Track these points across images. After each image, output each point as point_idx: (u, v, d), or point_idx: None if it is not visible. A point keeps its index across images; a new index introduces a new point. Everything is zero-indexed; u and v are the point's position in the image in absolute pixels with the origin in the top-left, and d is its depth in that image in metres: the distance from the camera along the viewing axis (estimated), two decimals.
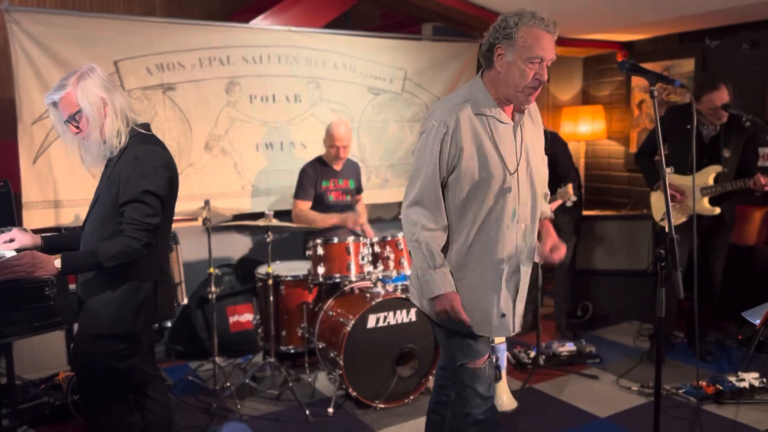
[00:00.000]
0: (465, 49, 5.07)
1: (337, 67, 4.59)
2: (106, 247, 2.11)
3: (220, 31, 4.14)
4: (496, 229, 2.11)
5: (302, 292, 3.76)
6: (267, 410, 3.42)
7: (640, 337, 4.40)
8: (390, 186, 4.94)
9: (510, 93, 2.08)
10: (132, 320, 2.20)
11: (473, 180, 2.08)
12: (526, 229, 2.17)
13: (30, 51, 3.54)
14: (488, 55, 2.10)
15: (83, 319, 2.24)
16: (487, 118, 2.09)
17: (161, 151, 2.25)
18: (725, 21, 4.64)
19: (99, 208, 2.21)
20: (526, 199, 2.16)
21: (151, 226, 2.15)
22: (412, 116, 4.96)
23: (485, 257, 2.13)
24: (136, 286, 2.20)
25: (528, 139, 2.17)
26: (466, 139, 2.06)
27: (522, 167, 2.14)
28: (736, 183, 3.72)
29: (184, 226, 4.04)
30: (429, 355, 3.52)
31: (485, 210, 2.10)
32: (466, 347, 2.21)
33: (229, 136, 4.24)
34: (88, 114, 2.15)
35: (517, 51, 2.01)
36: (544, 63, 2.02)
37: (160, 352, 4.17)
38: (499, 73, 2.07)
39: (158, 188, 2.16)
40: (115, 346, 2.21)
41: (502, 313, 2.17)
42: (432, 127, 2.10)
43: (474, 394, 2.23)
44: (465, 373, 2.22)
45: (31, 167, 3.63)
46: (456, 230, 2.14)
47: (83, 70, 2.20)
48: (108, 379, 2.24)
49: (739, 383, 3.42)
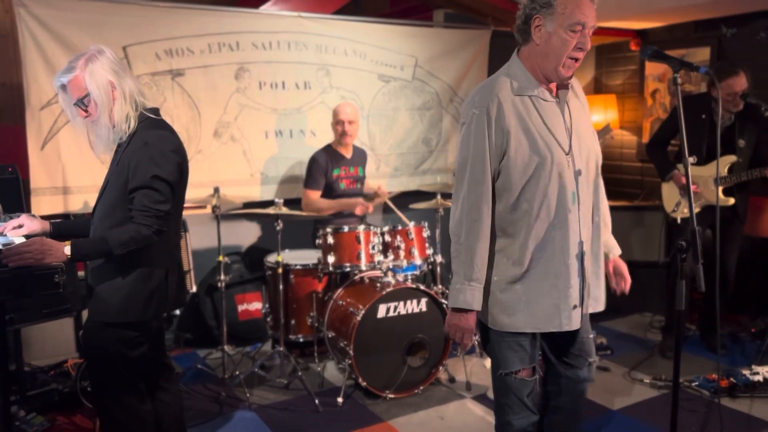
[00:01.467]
0: (477, 36, 5.00)
1: (347, 53, 4.53)
2: (116, 233, 2.07)
3: (230, 17, 4.09)
4: (557, 215, 1.98)
5: (312, 281, 3.74)
6: (276, 399, 3.41)
7: (652, 329, 4.36)
8: (400, 175, 4.89)
9: (550, 66, 1.94)
10: (143, 308, 2.17)
11: (525, 165, 1.94)
12: (585, 211, 2.03)
13: (38, 35, 3.50)
14: (524, 28, 1.97)
15: (93, 306, 2.21)
16: (531, 98, 1.98)
17: (171, 137, 2.20)
18: (742, 9, 4.55)
19: (108, 194, 2.18)
20: (584, 179, 2.02)
21: (162, 212, 2.11)
22: (423, 104, 4.91)
23: (548, 247, 1.99)
24: (147, 273, 2.17)
25: (576, 116, 2.05)
26: (512, 123, 1.94)
27: (575, 146, 2.01)
28: (751, 173, 3.67)
29: (193, 214, 4.01)
30: (439, 345, 3.49)
31: (541, 196, 1.96)
32: (518, 352, 2.08)
33: (239, 123, 4.20)
34: (96, 98, 2.11)
35: (557, 19, 1.89)
36: (585, 30, 1.90)
37: (169, 340, 4.15)
38: (538, 45, 1.95)
39: (168, 174, 2.12)
40: (125, 334, 2.18)
41: (573, 305, 2.03)
42: (473, 116, 1.96)
43: (520, 402, 2.12)
44: (511, 381, 2.11)
45: (40, 153, 3.61)
46: (513, 223, 2.00)
47: (92, 52, 2.14)
48: (119, 366, 2.21)
49: (753, 376, 3.38)
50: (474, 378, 3.58)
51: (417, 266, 3.72)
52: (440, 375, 3.58)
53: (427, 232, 3.72)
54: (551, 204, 1.98)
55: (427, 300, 3.46)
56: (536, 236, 1.99)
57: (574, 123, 2.03)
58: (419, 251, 3.64)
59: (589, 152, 2.06)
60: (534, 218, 1.98)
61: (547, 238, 1.99)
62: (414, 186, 4.83)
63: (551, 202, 1.98)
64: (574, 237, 2.01)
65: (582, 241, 2.03)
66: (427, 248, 3.70)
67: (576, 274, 2.03)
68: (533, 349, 2.12)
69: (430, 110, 4.96)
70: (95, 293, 2.20)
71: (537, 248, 2.00)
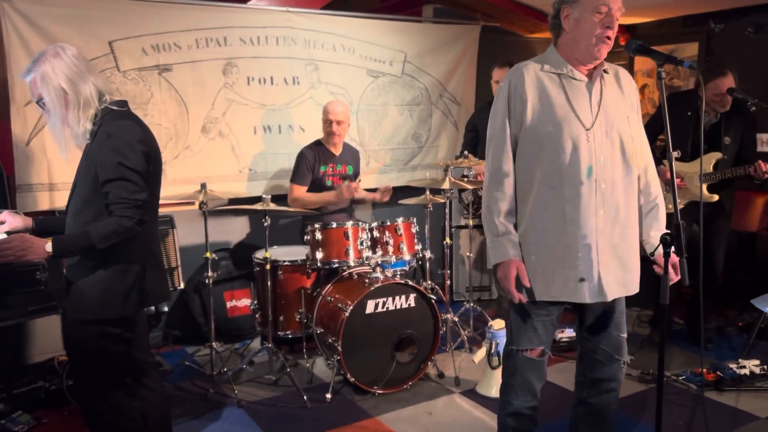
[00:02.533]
0: (466, 32, 5.00)
1: (336, 49, 4.52)
2: (98, 227, 2.04)
3: (217, 11, 4.06)
4: (569, 187, 2.07)
5: (300, 277, 3.72)
6: (264, 396, 3.40)
7: (640, 323, 4.38)
8: (390, 170, 4.89)
9: (582, 50, 2.08)
10: (122, 304, 2.14)
11: (539, 133, 2.08)
12: (606, 190, 2.09)
13: (22, 30, 3.47)
14: (556, 21, 2.14)
15: (72, 303, 2.18)
16: (560, 76, 2.12)
17: (135, 126, 2.15)
18: (730, 4, 4.57)
19: (80, 190, 2.15)
20: (607, 159, 2.09)
21: (140, 202, 2.07)
22: (413, 99, 4.90)
23: (559, 217, 2.09)
24: (124, 268, 2.14)
25: (608, 98, 2.14)
26: (530, 92, 2.10)
27: (600, 124, 2.09)
28: (736, 170, 3.69)
29: (180, 210, 3.99)
30: (428, 340, 3.50)
31: (556, 166, 2.08)
32: (529, 332, 2.19)
33: (227, 119, 4.18)
34: (47, 102, 2.09)
35: (582, 5, 2.05)
36: (611, 12, 2.04)
37: (157, 337, 4.14)
38: (568, 33, 2.10)
39: (135, 164, 2.08)
40: (107, 330, 2.16)
41: (580, 278, 2.10)
42: (501, 88, 2.16)
43: (524, 384, 2.23)
44: (519, 359, 2.22)
45: (25, 149, 3.58)
46: (528, 189, 2.13)
47: (50, 53, 2.09)
48: (103, 363, 2.20)
49: (740, 370, 3.40)
50: (463, 373, 3.59)
51: (406, 262, 3.71)
52: (429, 370, 3.58)
53: (416, 228, 3.72)
54: (563, 175, 2.08)
55: (416, 295, 3.46)
56: (546, 205, 2.10)
57: (604, 104, 2.12)
58: (408, 247, 3.64)
59: (622, 137, 2.12)
60: (547, 187, 2.09)
61: (559, 209, 2.09)
62: (404, 181, 4.83)
63: (563, 174, 2.08)
64: (585, 212, 2.08)
65: (597, 219, 2.09)
66: (416, 244, 3.70)
67: (586, 248, 2.09)
68: (546, 332, 2.22)
69: (420, 106, 4.95)
70: (72, 290, 2.17)
71: (549, 217, 2.10)
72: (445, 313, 3.86)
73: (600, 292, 2.14)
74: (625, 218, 2.15)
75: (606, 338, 2.27)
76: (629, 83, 2.23)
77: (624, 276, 2.18)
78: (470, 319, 4.23)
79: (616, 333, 2.27)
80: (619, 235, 2.14)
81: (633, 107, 2.22)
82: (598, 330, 2.27)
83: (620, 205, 2.13)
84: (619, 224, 2.14)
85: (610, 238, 2.12)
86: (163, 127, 3.91)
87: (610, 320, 2.25)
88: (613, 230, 2.13)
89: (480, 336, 4.10)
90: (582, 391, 2.38)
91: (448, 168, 3.89)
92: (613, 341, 2.27)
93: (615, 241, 2.13)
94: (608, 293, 2.15)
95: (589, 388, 2.35)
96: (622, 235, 2.15)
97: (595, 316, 2.26)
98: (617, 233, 2.14)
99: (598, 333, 2.27)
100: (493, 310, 4.63)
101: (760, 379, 3.39)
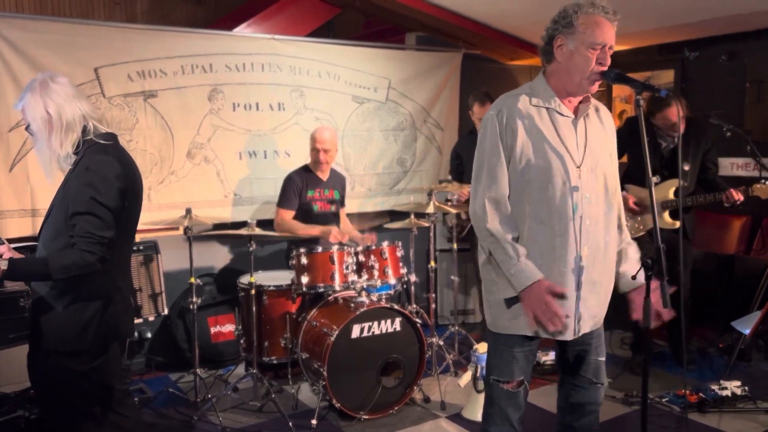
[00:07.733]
0: (449, 59, 5.09)
1: (321, 75, 4.57)
2: (58, 257, 2.02)
3: (203, 39, 4.11)
4: (559, 222, 2.06)
5: (285, 302, 3.72)
6: (249, 422, 3.37)
7: (623, 346, 4.41)
8: (374, 195, 4.92)
9: (574, 83, 2.06)
10: (77, 338, 2.11)
11: (530, 167, 2.06)
12: (590, 227, 2.09)
13: (7, 56, 3.48)
14: (548, 48, 2.10)
15: (33, 334, 2.16)
16: (548, 110, 2.10)
17: (115, 162, 2.14)
18: (704, 33, 4.72)
19: (53, 220, 2.14)
20: (592, 195, 2.10)
21: (105, 239, 2.05)
22: (397, 125, 4.96)
23: (547, 252, 2.07)
24: (83, 304, 2.11)
25: (592, 135, 2.14)
26: (520, 125, 2.06)
27: (587, 162, 2.10)
28: (706, 197, 3.71)
29: (165, 235, 3.97)
30: (414, 365, 3.50)
31: (545, 200, 2.05)
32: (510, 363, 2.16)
33: (212, 144, 4.19)
34: (34, 128, 2.13)
35: (578, 38, 2.01)
36: (606, 48, 2.02)
37: (139, 363, 4.09)
38: (561, 63, 2.07)
39: (108, 200, 2.07)
40: (68, 363, 2.12)
41: (566, 315, 2.08)
42: (489, 117, 2.11)
43: (501, 414, 2.20)
44: (495, 389, 2.19)
45: (8, 175, 3.56)
46: (519, 222, 2.10)
47: (37, 81, 2.14)
48: (68, 395, 2.15)
49: (722, 392, 3.43)
50: (448, 397, 3.58)
51: (391, 286, 3.72)
52: (415, 395, 3.58)
53: (401, 252, 3.74)
54: (553, 211, 2.06)
55: (401, 319, 3.47)
56: (536, 239, 2.08)
57: (589, 141, 2.13)
58: (393, 271, 3.66)
59: (605, 174, 2.14)
60: (536, 222, 2.07)
61: (549, 245, 2.08)
62: (389, 206, 4.86)
63: (553, 209, 2.06)
64: (571, 248, 2.08)
65: (580, 255, 2.09)
66: (401, 268, 3.72)
67: (570, 286, 2.09)
68: (526, 362, 2.19)
69: (404, 131, 5.01)
70: (34, 320, 2.15)
71: (539, 253, 2.08)
72: (431, 336, 3.87)
73: (577, 329, 2.16)
74: (605, 255, 2.16)
75: (585, 365, 2.27)
76: (609, 120, 2.26)
77: (599, 311, 2.21)
78: (455, 342, 4.24)
79: (595, 358, 2.28)
80: (599, 271, 2.16)
81: (614, 145, 2.25)
82: (577, 359, 2.28)
83: (601, 242, 2.14)
84: (599, 261, 2.15)
85: (591, 275, 2.13)
86: (148, 153, 3.92)
87: (589, 348, 2.26)
88: (594, 266, 2.13)
89: (465, 359, 4.10)
90: (565, 416, 2.38)
91: (431, 192, 3.93)
92: (592, 367, 2.28)
93: (595, 277, 2.14)
94: (582, 328, 2.17)
95: (571, 413, 2.35)
96: (602, 272, 2.17)
97: (574, 347, 2.27)
98: (597, 269, 2.15)
99: (578, 362, 2.28)
100: (478, 333, 4.64)
101: (741, 400, 3.42)
